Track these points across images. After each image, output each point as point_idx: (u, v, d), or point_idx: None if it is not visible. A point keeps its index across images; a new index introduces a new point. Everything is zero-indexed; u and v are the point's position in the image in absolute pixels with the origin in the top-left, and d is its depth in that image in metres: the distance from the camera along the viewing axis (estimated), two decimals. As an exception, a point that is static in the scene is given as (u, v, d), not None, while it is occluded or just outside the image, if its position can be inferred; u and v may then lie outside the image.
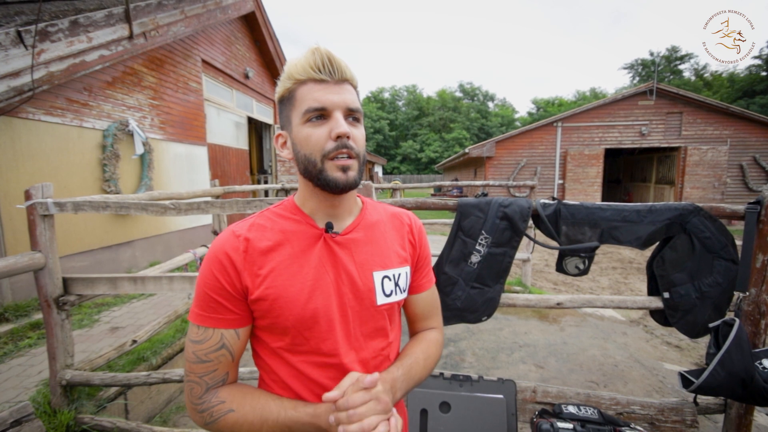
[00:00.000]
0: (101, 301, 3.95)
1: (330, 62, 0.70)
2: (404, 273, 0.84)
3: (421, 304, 0.93)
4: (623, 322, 4.14)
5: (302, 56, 0.72)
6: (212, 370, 0.72)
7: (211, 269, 0.72)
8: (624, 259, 8.03)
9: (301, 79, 0.71)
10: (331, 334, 0.74)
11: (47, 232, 1.91)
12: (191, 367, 0.73)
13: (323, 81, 0.71)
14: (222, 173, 7.77)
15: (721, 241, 1.49)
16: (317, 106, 0.70)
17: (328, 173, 0.71)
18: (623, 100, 12.82)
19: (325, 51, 0.71)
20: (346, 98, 0.71)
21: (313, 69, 0.70)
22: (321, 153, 0.70)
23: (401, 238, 0.87)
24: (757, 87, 31.89)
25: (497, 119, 48.07)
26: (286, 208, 0.80)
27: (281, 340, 0.75)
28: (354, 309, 0.77)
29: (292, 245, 0.75)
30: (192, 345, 0.73)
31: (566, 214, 1.54)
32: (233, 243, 0.73)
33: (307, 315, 0.72)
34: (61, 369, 1.99)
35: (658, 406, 1.59)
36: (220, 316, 0.72)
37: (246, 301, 0.73)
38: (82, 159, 4.38)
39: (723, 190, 12.44)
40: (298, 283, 0.73)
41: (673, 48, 42.24)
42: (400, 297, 0.83)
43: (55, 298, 1.93)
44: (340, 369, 0.75)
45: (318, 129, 0.71)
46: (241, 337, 0.75)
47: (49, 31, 3.53)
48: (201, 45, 6.73)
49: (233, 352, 0.74)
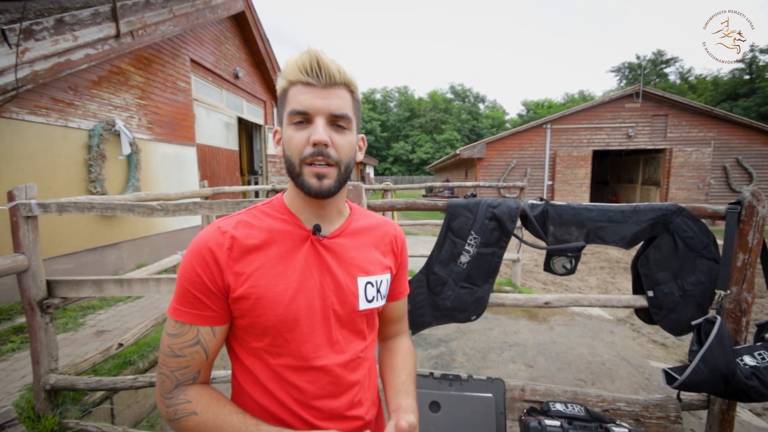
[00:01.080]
0: (87, 304, 3.88)
1: (318, 65, 0.69)
2: (386, 280, 0.86)
3: (397, 311, 0.96)
4: (611, 321, 4.20)
5: (296, 56, 0.71)
6: (185, 366, 0.72)
7: (192, 264, 0.70)
8: (611, 258, 8.15)
9: (292, 80, 0.71)
10: (312, 337, 0.74)
11: (30, 234, 1.87)
12: (164, 360, 0.72)
13: (310, 84, 0.70)
14: (211, 174, 7.69)
15: (703, 240, 1.53)
16: (300, 109, 0.70)
17: (304, 178, 0.71)
18: (610, 102, 13.04)
19: (315, 53, 0.69)
20: (330, 104, 0.70)
21: (301, 71, 0.69)
22: (299, 157, 0.70)
23: (385, 246, 0.88)
24: (740, 90, 32.69)
25: (488, 121, 48.48)
26: (274, 207, 0.79)
27: (260, 341, 0.74)
28: (336, 313, 0.77)
29: (279, 245, 0.75)
30: (168, 338, 0.72)
31: (553, 215, 1.57)
32: (218, 239, 0.72)
33: (290, 316, 0.72)
34: (45, 373, 1.95)
35: (643, 403, 1.62)
36: (198, 312, 0.71)
37: (226, 299, 0.72)
38: (67, 159, 4.29)
39: (707, 191, 12.72)
40: (282, 284, 0.73)
41: (659, 52, 43.12)
42: (380, 303, 0.85)
43: (39, 301, 1.89)
44: (320, 371, 0.75)
45: (299, 132, 0.70)
46: (217, 335, 0.74)
47: (34, 30, 3.46)
48: (190, 44, 6.66)
49: (208, 350, 0.73)
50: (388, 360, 0.93)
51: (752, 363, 1.40)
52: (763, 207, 1.49)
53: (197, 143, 7.01)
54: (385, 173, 45.02)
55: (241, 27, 8.57)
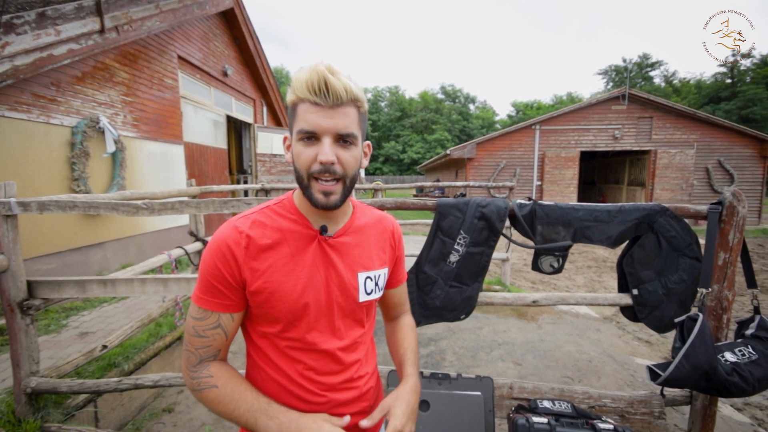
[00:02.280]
0: (69, 306, 3.79)
1: (326, 87, 0.71)
2: (383, 274, 0.94)
3: (397, 295, 1.07)
4: (597, 319, 4.27)
5: (305, 72, 0.72)
6: (207, 345, 0.81)
7: (213, 259, 0.78)
8: (598, 258, 8.28)
9: (300, 96, 0.74)
10: (317, 325, 0.84)
11: (10, 233, 1.82)
12: (190, 339, 0.81)
13: (318, 104, 0.73)
14: (199, 173, 7.58)
15: (686, 239, 1.57)
16: (308, 129, 0.74)
17: (312, 192, 0.77)
18: (598, 104, 13.24)
19: (323, 73, 0.71)
20: (337, 124, 0.73)
21: (309, 90, 0.72)
22: (307, 171, 0.76)
23: (384, 242, 0.96)
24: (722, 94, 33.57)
25: (478, 121, 48.80)
26: (285, 207, 0.85)
27: (273, 327, 0.83)
28: (339, 304, 0.85)
29: (289, 244, 0.82)
30: (192, 321, 0.81)
31: (541, 214, 1.58)
32: (236, 237, 0.79)
33: (299, 308, 0.81)
34: (25, 376, 1.90)
35: (628, 399, 1.65)
36: (219, 301, 0.79)
37: (244, 290, 0.80)
38: (49, 157, 4.19)
39: (690, 191, 13.01)
40: (293, 280, 0.81)
41: (645, 55, 43.99)
42: (378, 295, 0.93)
43: (19, 302, 1.84)
44: (322, 353, 0.85)
45: (308, 149, 0.75)
46: (236, 320, 0.83)
47: (15, 24, 3.37)
48: (177, 41, 6.55)
49: (227, 332, 0.82)
50: (392, 337, 1.07)
51: (733, 359, 1.44)
52: (743, 207, 1.53)
53: (185, 141, 6.90)
54: (376, 173, 44.99)
55: (230, 24, 8.47)
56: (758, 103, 29.02)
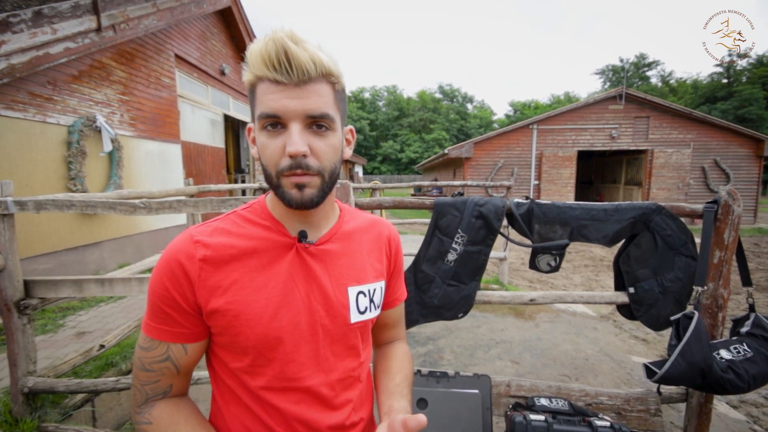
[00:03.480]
0: (66, 305, 3.78)
1: (287, 59, 0.56)
2: (380, 288, 0.78)
3: (393, 318, 0.89)
4: (594, 318, 4.29)
5: (260, 44, 0.57)
6: (154, 381, 0.67)
7: (161, 278, 0.63)
8: (595, 257, 8.32)
9: (258, 74, 0.59)
10: (297, 356, 0.67)
11: (7, 233, 1.81)
12: (136, 373, 0.68)
13: (279, 83, 0.58)
14: (197, 172, 7.56)
15: (682, 238, 1.58)
16: (269, 113, 0.59)
17: (284, 189, 0.62)
18: (595, 104, 13.29)
19: (282, 42, 0.56)
20: (306, 104, 0.58)
21: (267, 65, 0.57)
22: (276, 168, 0.61)
23: (379, 250, 0.80)
24: (718, 93, 33.76)
25: (476, 121, 48.90)
26: (256, 212, 0.71)
27: (240, 361, 0.67)
28: (326, 327, 0.69)
29: (260, 255, 0.66)
30: (139, 350, 0.67)
31: (538, 213, 1.59)
32: (188, 250, 0.63)
33: (271, 334, 0.65)
34: (22, 376, 1.89)
35: (624, 397, 1.66)
36: (167, 329, 0.65)
37: (200, 315, 0.65)
38: (46, 156, 4.17)
39: (686, 191, 13.08)
40: (263, 299, 0.65)
41: (642, 55, 44.18)
42: (375, 314, 0.77)
43: (16, 301, 1.84)
44: (305, 393, 0.68)
45: (273, 140, 0.60)
46: (189, 352, 0.67)
47: (11, 22, 3.35)
48: (174, 39, 6.53)
49: (179, 366, 0.67)
50: (382, 364, 0.86)
51: (728, 357, 1.45)
52: (738, 206, 1.55)
53: (182, 140, 6.88)
54: (374, 172, 45.00)
55: (227, 23, 8.45)
56: (754, 103, 29.22)
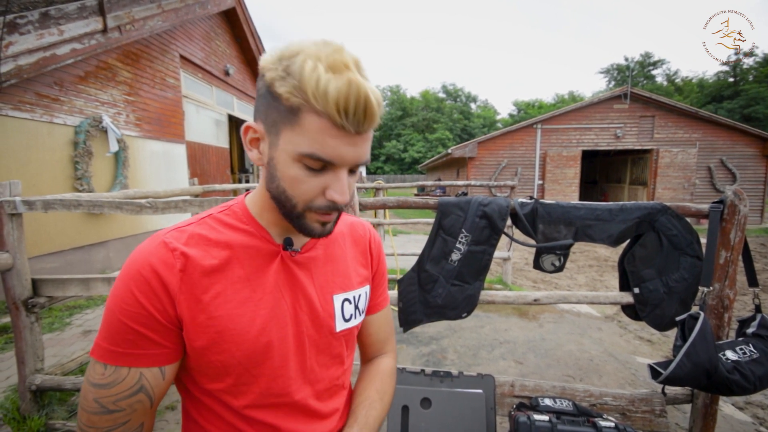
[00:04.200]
0: (73, 304, 3.82)
1: (364, 112, 0.51)
2: (364, 294, 0.75)
3: (377, 325, 0.82)
4: (599, 318, 4.27)
5: (336, 83, 0.49)
6: (122, 423, 0.55)
7: (131, 291, 0.54)
8: (600, 257, 8.28)
9: (318, 110, 0.50)
10: (284, 371, 0.63)
11: (15, 232, 1.84)
12: (90, 420, 0.54)
13: (343, 129, 0.52)
14: (201, 172, 7.61)
15: (687, 238, 1.57)
16: (324, 158, 0.53)
17: (306, 222, 0.58)
18: (599, 103, 13.22)
19: (365, 93, 0.50)
20: (359, 154, 0.55)
21: (339, 111, 0.50)
22: (305, 204, 0.56)
23: (362, 253, 0.77)
24: (724, 92, 33.46)
25: (479, 120, 48.79)
26: (237, 216, 0.64)
27: (221, 382, 0.60)
28: (311, 338, 0.66)
29: (243, 264, 0.60)
30: (94, 391, 0.54)
31: (543, 213, 1.59)
32: (166, 258, 0.55)
33: (258, 350, 0.60)
34: (30, 374, 1.92)
35: (629, 397, 1.66)
36: (142, 352, 0.55)
37: (180, 331, 0.57)
38: (53, 156, 4.21)
39: (692, 190, 12.98)
40: (249, 312, 0.60)
41: (647, 54, 43.87)
42: (359, 320, 0.74)
43: (24, 300, 1.86)
44: (292, 407, 0.65)
45: (313, 179, 0.55)
46: (167, 376, 0.58)
47: (18, 23, 3.39)
48: (179, 40, 6.57)
49: (153, 396, 0.57)
50: (358, 383, 0.80)
51: (734, 357, 1.44)
52: (744, 206, 1.54)
53: (187, 140, 6.93)
54: (377, 172, 45.02)
55: (231, 23, 8.49)
56: (761, 102, 28.92)
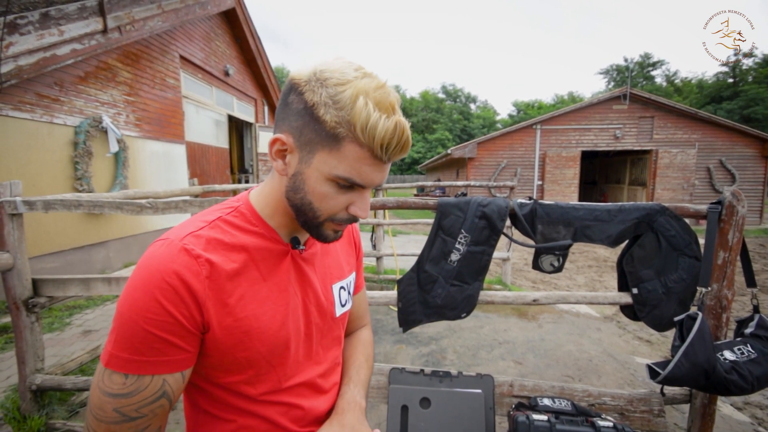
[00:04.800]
0: (73, 304, 3.82)
1: (401, 149, 0.58)
2: (353, 280, 0.85)
3: (357, 303, 0.93)
4: (598, 319, 4.28)
5: (384, 121, 0.54)
6: (143, 428, 0.56)
7: (156, 299, 0.53)
8: (599, 258, 8.29)
9: (362, 142, 0.55)
10: (297, 356, 0.70)
11: (15, 232, 1.84)
12: (110, 430, 0.54)
13: (378, 159, 0.58)
14: (201, 172, 7.61)
15: (686, 239, 1.58)
16: (358, 182, 0.59)
17: (323, 230, 0.64)
18: (599, 104, 13.23)
19: (408, 136, 0.57)
20: (382, 179, 0.62)
21: (382, 146, 0.56)
22: (328, 215, 0.62)
23: (348, 243, 0.86)
24: (724, 93, 33.50)
25: (479, 121, 48.83)
26: (245, 218, 0.66)
27: (241, 374, 0.64)
28: (318, 326, 0.74)
29: (258, 265, 0.64)
30: (113, 401, 0.54)
31: (542, 214, 1.59)
32: (191, 266, 0.56)
33: (280, 343, 0.65)
34: (30, 373, 1.92)
35: (628, 397, 1.66)
36: (166, 359, 0.55)
37: (202, 335, 0.60)
38: (53, 156, 4.21)
39: (691, 191, 13.00)
40: (270, 310, 0.64)
41: (646, 55, 43.93)
42: (351, 304, 0.84)
43: (24, 300, 1.86)
44: (301, 386, 0.71)
45: (341, 196, 0.61)
46: (186, 378, 0.60)
47: (19, 24, 3.39)
48: (179, 41, 6.58)
49: (173, 399, 0.59)
50: (346, 351, 0.89)
51: (732, 358, 1.45)
52: (742, 207, 1.54)
53: (186, 141, 6.93)
54: (376, 172, 44.95)
55: (231, 24, 8.50)
56: (760, 103, 28.96)
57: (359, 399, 0.77)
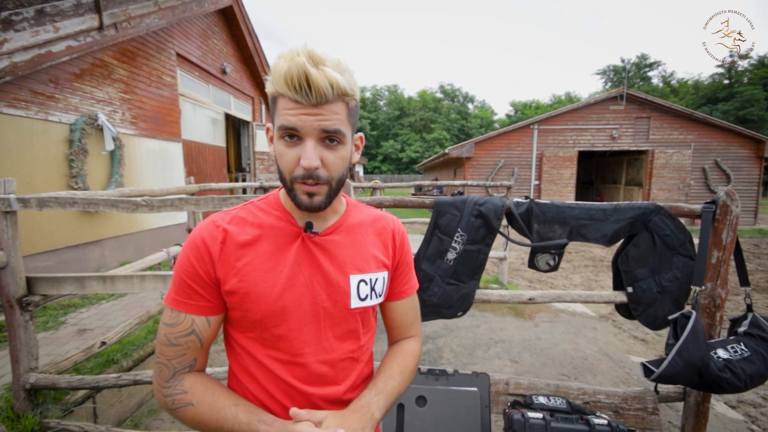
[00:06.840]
0: (67, 303, 3.79)
1: (307, 83, 0.63)
2: (382, 278, 0.84)
3: (401, 311, 0.92)
4: (593, 318, 4.30)
5: (284, 62, 0.64)
6: (181, 354, 0.73)
7: (188, 254, 0.73)
8: (595, 257, 8.32)
9: (279, 91, 0.66)
10: (299, 333, 0.75)
11: (9, 230, 1.83)
12: (162, 349, 0.74)
13: (299, 102, 0.65)
14: (198, 170, 7.57)
15: (680, 238, 1.59)
16: (288, 126, 0.66)
17: (296, 193, 0.71)
18: (596, 104, 13.28)
19: (303, 67, 0.62)
20: (321, 123, 0.66)
21: (288, 86, 0.64)
22: (290, 175, 0.69)
23: (383, 242, 0.86)
24: (719, 94, 33.71)
25: (477, 120, 48.88)
26: (269, 203, 0.80)
27: (250, 332, 0.76)
28: (327, 310, 0.77)
29: (269, 241, 0.75)
30: (164, 328, 0.74)
31: (538, 213, 1.60)
32: (212, 232, 0.74)
33: (276, 311, 0.73)
34: (24, 372, 1.91)
35: (622, 395, 1.67)
36: (193, 302, 0.73)
37: (219, 290, 0.74)
38: (48, 154, 4.18)
39: (687, 191, 13.07)
40: (271, 280, 0.73)
41: (643, 56, 44.11)
42: (376, 302, 0.84)
43: (18, 298, 1.85)
44: (305, 368, 0.76)
45: (290, 150, 0.68)
46: (212, 325, 0.75)
47: (13, 20, 3.36)
48: (176, 38, 6.54)
49: (203, 339, 0.75)
50: (383, 360, 0.90)
51: (725, 356, 1.46)
52: (736, 207, 1.55)
53: (183, 139, 6.90)
54: (374, 171, 45.00)
55: (228, 21, 8.45)
56: (755, 104, 29.17)
57: (374, 408, 0.76)
